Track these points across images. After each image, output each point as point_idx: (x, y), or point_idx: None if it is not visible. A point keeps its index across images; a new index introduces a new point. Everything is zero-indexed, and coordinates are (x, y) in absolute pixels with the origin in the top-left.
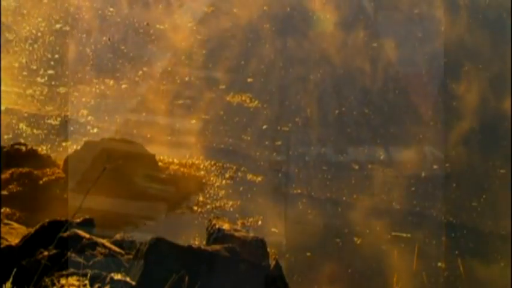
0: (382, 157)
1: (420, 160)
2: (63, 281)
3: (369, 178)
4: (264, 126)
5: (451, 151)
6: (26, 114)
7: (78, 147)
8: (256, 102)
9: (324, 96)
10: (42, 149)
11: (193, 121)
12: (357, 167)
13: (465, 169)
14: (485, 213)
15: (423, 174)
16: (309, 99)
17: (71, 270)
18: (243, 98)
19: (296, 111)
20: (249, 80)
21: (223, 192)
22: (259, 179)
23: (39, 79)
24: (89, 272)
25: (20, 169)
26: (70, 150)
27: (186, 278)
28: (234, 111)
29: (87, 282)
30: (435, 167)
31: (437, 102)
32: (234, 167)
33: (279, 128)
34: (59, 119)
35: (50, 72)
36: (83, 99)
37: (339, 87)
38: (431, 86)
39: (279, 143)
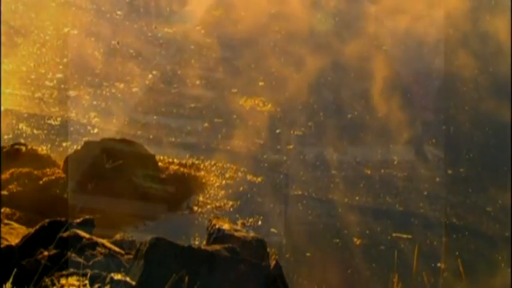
0: (383, 158)
1: (421, 160)
2: (63, 281)
3: (369, 179)
4: (278, 130)
5: (452, 151)
6: (26, 115)
7: (78, 147)
8: (269, 105)
9: (322, 97)
10: (42, 149)
11: (206, 124)
12: (357, 168)
13: (465, 169)
14: (487, 213)
15: (424, 175)
16: (311, 100)
17: (71, 270)
18: (256, 102)
19: (299, 113)
20: (261, 83)
21: (223, 192)
22: (259, 179)
23: (42, 82)
24: (89, 272)
25: (20, 169)
26: (70, 150)
27: (186, 278)
28: (245, 115)
29: (87, 282)
30: (436, 167)
31: (438, 103)
32: (235, 167)
33: (288, 131)
34: (59, 119)
35: (59, 75)
36: (86, 101)
37: (339, 89)
38: (432, 87)
39: (291, 146)
